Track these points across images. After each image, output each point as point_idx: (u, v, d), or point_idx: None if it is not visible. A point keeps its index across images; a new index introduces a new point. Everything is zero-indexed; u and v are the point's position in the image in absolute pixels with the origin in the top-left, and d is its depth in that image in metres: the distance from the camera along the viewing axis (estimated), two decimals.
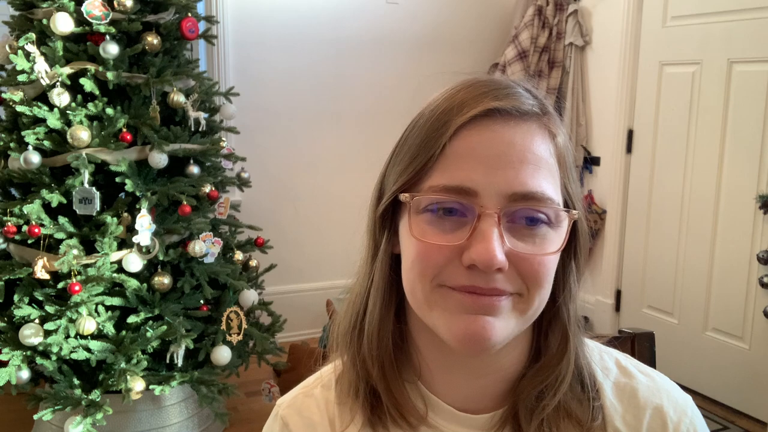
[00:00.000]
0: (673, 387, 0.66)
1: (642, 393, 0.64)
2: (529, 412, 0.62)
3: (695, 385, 2.89)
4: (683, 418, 0.63)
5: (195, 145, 2.26)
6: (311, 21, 3.34)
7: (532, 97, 0.60)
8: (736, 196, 2.75)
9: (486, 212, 0.55)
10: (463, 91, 0.59)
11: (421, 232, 0.57)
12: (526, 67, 3.47)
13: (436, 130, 0.58)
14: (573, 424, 0.62)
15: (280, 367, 2.55)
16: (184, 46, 2.39)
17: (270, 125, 3.32)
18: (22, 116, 2.11)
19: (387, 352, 0.64)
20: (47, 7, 2.09)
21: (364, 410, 0.65)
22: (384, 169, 0.64)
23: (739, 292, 2.74)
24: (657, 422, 0.63)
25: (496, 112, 0.57)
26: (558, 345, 0.63)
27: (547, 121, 0.60)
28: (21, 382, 2.04)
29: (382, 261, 0.63)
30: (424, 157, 0.58)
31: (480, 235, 0.55)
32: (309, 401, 0.69)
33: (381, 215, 0.63)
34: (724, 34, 2.76)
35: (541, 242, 0.57)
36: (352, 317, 0.66)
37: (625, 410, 0.63)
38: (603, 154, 3.39)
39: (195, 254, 2.19)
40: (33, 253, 2.09)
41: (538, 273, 0.57)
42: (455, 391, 0.64)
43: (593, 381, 0.64)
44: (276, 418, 0.70)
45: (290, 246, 3.26)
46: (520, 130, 0.57)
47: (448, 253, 0.56)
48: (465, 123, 0.57)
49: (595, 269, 3.47)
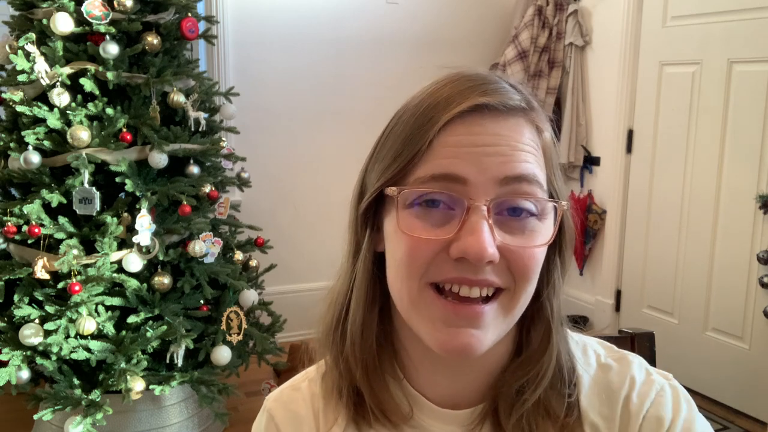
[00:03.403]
0: (639, 370, 0.65)
1: (615, 385, 0.64)
2: (509, 407, 0.62)
3: (695, 385, 2.89)
4: (645, 401, 0.62)
5: (195, 145, 2.26)
6: (311, 21, 3.34)
7: (518, 92, 0.60)
8: (736, 196, 2.75)
9: (475, 204, 0.55)
10: (449, 86, 0.58)
11: (409, 227, 0.56)
12: (526, 67, 3.47)
13: (423, 125, 0.57)
14: (551, 420, 0.62)
15: (280, 367, 2.55)
16: (184, 46, 2.39)
17: (270, 125, 3.32)
18: (22, 116, 2.11)
19: (371, 352, 0.63)
20: (47, 7, 2.09)
21: (348, 410, 0.65)
22: (365, 166, 0.64)
23: (739, 292, 2.74)
24: (626, 411, 0.62)
25: (484, 107, 0.56)
26: (540, 340, 0.62)
27: (533, 116, 0.60)
28: (21, 382, 2.04)
29: (365, 259, 0.62)
30: (410, 151, 0.57)
31: (470, 228, 0.54)
32: (295, 395, 0.70)
33: (363, 212, 0.62)
34: (724, 34, 2.76)
35: (530, 234, 0.57)
36: (334, 317, 0.66)
37: (601, 404, 0.63)
38: (603, 154, 3.39)
39: (195, 254, 2.19)
40: (33, 253, 2.09)
41: (527, 266, 0.57)
42: (439, 387, 0.64)
43: (573, 376, 0.64)
44: (263, 412, 0.71)
45: (290, 246, 3.26)
46: (507, 123, 0.57)
47: (436, 247, 0.56)
48: (452, 118, 0.56)
49: (595, 269, 3.47)
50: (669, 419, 0.60)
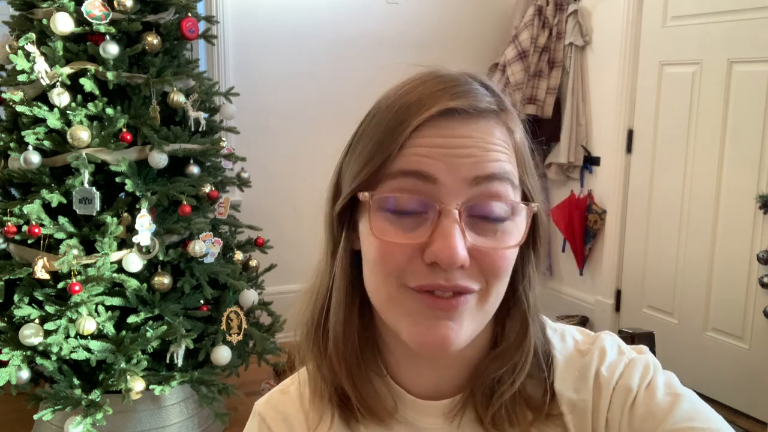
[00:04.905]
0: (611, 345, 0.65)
1: (586, 361, 0.64)
2: (488, 396, 0.63)
3: (695, 385, 2.88)
4: (614, 372, 0.62)
5: (195, 145, 2.26)
6: (311, 21, 3.34)
7: (490, 93, 0.60)
8: (736, 196, 2.75)
9: (446, 208, 0.55)
10: (420, 88, 0.59)
11: (381, 231, 0.56)
12: (526, 67, 3.47)
13: (394, 129, 0.57)
14: (530, 407, 0.63)
15: (280, 367, 2.55)
16: (184, 46, 2.39)
17: (270, 125, 3.32)
18: (22, 116, 2.11)
19: (353, 350, 0.64)
20: (47, 7, 2.09)
21: (336, 409, 0.66)
22: (339, 166, 0.64)
23: (739, 292, 2.74)
24: (596, 384, 0.63)
25: (454, 111, 0.57)
26: (517, 332, 0.63)
27: (504, 117, 0.60)
28: (21, 382, 2.04)
29: (342, 258, 0.63)
30: (381, 156, 0.57)
31: (441, 232, 0.55)
32: (284, 397, 0.71)
33: (339, 213, 0.62)
34: (724, 34, 2.76)
35: (502, 236, 0.57)
36: (315, 317, 0.66)
37: (574, 381, 0.63)
38: (603, 154, 3.39)
39: (195, 254, 2.19)
40: (33, 253, 2.09)
41: (498, 267, 0.57)
42: (422, 380, 0.65)
43: (551, 364, 0.65)
44: (254, 416, 0.72)
45: (290, 246, 3.26)
46: (477, 125, 0.57)
47: (409, 251, 0.56)
48: (423, 122, 0.56)
49: (595, 269, 3.47)
50: (636, 385, 0.61)
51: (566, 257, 3.60)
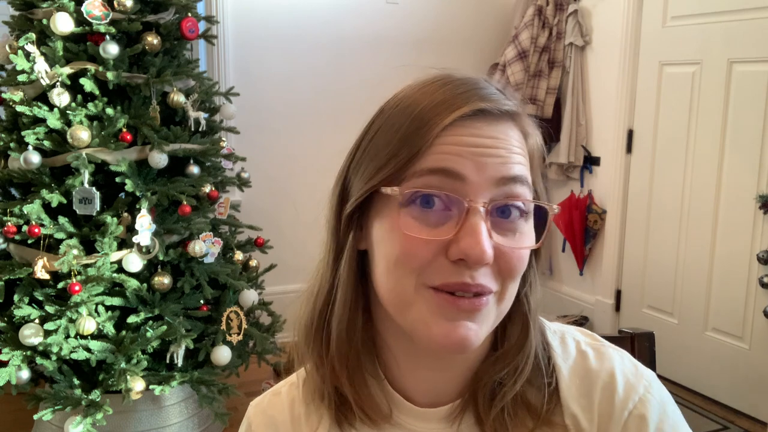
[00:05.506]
0: (624, 365, 0.65)
1: (593, 373, 0.64)
2: (489, 400, 0.63)
3: (695, 385, 2.89)
4: (631, 396, 0.62)
5: (195, 145, 2.26)
6: (311, 21, 3.34)
7: (507, 97, 0.61)
8: (736, 196, 2.75)
9: (474, 206, 0.55)
10: (444, 88, 0.59)
11: (406, 226, 0.57)
12: (526, 67, 3.47)
13: (421, 126, 0.57)
14: (531, 413, 0.63)
15: (280, 367, 2.55)
16: (184, 46, 2.39)
17: (270, 125, 3.32)
18: (22, 116, 2.11)
19: (355, 352, 0.64)
20: (47, 7, 2.09)
21: (331, 411, 0.66)
22: (346, 167, 0.64)
23: (739, 292, 2.74)
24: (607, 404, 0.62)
25: (483, 112, 0.58)
26: (518, 335, 0.64)
27: (521, 121, 0.61)
28: (21, 382, 2.04)
29: (349, 259, 0.62)
30: (409, 151, 0.57)
31: (470, 230, 0.55)
32: (275, 399, 0.71)
33: (349, 214, 0.62)
34: (724, 34, 2.76)
35: (520, 236, 0.58)
36: (316, 318, 0.65)
37: (580, 394, 0.63)
38: (603, 154, 3.39)
39: (195, 254, 2.19)
40: (33, 253, 2.09)
41: (515, 267, 0.58)
42: (420, 384, 0.65)
43: (552, 368, 0.65)
44: (245, 419, 0.72)
45: (290, 246, 3.26)
46: (500, 127, 0.59)
47: (434, 248, 0.56)
48: (453, 120, 0.57)
49: (595, 269, 3.47)
50: (655, 422, 0.61)
51: (566, 257, 3.60)
